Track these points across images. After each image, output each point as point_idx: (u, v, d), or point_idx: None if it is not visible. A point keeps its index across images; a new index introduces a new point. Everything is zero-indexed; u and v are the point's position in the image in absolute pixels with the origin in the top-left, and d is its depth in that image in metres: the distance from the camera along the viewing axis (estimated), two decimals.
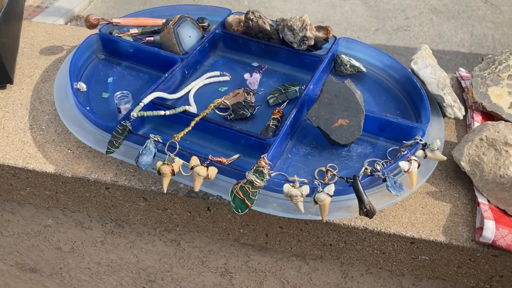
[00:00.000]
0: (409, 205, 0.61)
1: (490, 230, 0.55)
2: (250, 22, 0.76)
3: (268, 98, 0.72)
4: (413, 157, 0.57)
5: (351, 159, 0.63)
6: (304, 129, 0.68)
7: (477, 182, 0.60)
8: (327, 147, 0.65)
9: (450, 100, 0.66)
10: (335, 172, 0.60)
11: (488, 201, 0.59)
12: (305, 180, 0.54)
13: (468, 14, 2.60)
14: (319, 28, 0.76)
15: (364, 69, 0.76)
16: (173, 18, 0.76)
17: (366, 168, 0.55)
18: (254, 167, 0.54)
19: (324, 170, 0.60)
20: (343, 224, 0.59)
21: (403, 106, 0.71)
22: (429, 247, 0.59)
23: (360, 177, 0.55)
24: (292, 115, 0.63)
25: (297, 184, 0.53)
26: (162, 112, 0.61)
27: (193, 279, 0.84)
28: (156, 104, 0.65)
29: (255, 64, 0.79)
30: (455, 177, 0.64)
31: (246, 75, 0.75)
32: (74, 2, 2.70)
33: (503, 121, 0.63)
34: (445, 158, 0.61)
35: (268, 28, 0.76)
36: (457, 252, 0.59)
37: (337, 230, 0.60)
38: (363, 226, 0.59)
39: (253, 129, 0.67)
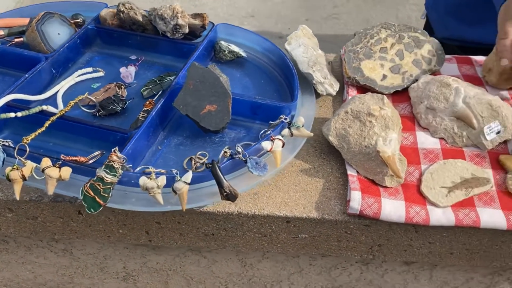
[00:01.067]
0: (283, 184, 0.60)
1: (357, 200, 0.55)
2: (122, 14, 0.73)
3: (142, 90, 0.69)
4: (277, 137, 0.57)
5: (224, 144, 0.62)
6: (179, 119, 0.66)
7: (345, 155, 0.60)
8: (200, 135, 0.63)
9: (320, 77, 0.66)
10: (205, 160, 0.58)
11: (358, 172, 0.60)
12: (162, 171, 0.52)
13: None
14: (195, 15, 0.75)
15: (243, 54, 0.75)
16: (37, 16, 0.71)
17: (225, 152, 0.54)
18: (105, 163, 0.52)
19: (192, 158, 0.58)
20: (218, 211, 0.58)
21: (280, 87, 0.70)
22: (305, 224, 0.59)
23: (221, 162, 0.54)
24: (159, 105, 0.61)
25: (153, 176, 0.51)
26: (12, 114, 0.57)
27: None
28: (14, 106, 0.61)
29: (133, 57, 0.76)
30: (329, 152, 0.64)
31: (122, 69, 0.72)
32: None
33: (370, 93, 0.64)
34: (312, 134, 0.61)
35: (141, 19, 0.73)
36: (332, 226, 0.59)
37: (214, 218, 0.59)
38: (238, 211, 0.58)
39: (125, 124, 0.64)
